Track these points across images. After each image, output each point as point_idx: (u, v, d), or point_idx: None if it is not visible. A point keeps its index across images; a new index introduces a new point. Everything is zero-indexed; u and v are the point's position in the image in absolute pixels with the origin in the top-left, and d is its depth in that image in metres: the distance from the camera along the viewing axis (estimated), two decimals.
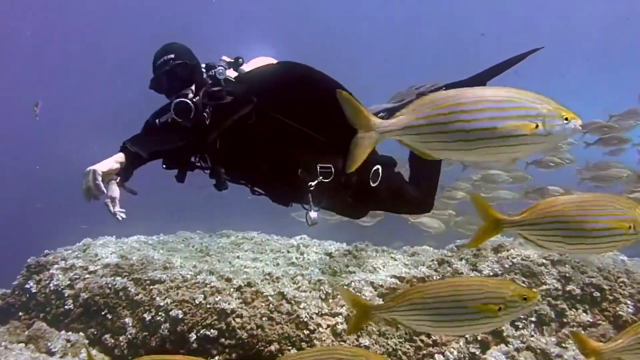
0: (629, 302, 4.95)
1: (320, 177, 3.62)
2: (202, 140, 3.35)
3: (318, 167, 3.62)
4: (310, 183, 3.60)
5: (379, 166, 3.82)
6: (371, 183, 3.78)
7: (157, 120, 3.44)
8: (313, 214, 3.69)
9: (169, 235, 7.52)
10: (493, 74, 4.09)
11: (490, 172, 7.94)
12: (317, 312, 4.96)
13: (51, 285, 5.47)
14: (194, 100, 3.33)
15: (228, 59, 3.63)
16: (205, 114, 3.32)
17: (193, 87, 3.40)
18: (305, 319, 4.87)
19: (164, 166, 3.58)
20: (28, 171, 21.56)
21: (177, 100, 3.31)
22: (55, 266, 5.65)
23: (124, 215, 3.14)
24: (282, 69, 3.71)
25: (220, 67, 3.49)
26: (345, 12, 28.32)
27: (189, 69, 3.42)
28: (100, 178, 2.93)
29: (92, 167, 2.95)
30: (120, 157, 3.16)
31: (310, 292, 5.31)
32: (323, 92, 3.72)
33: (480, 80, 4.09)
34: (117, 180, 3.22)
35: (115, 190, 3.12)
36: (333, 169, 3.66)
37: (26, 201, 19.62)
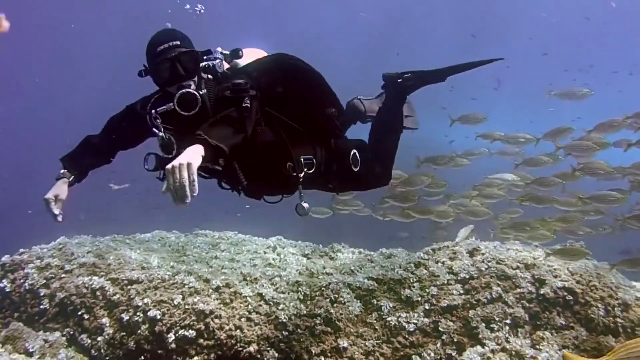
0: (599, 305, 5.06)
1: (305, 169, 3.67)
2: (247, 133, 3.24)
3: (302, 159, 3.68)
4: (299, 175, 3.66)
5: (355, 151, 3.93)
6: (353, 168, 3.88)
7: (153, 111, 3.32)
8: (305, 204, 3.74)
9: (145, 235, 7.48)
10: (453, 72, 4.39)
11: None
12: (295, 313, 4.99)
13: (26, 284, 5.39)
14: (201, 92, 3.32)
15: (224, 51, 3.61)
16: (248, 105, 3.25)
17: (196, 79, 3.37)
18: (284, 320, 4.89)
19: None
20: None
21: (185, 91, 3.27)
22: (31, 265, 5.57)
23: (60, 219, 3.32)
24: (279, 64, 3.75)
25: (218, 60, 3.50)
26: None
27: (195, 59, 3.38)
28: (51, 204, 3.32)
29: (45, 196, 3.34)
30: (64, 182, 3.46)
31: (288, 293, 5.33)
32: (310, 85, 3.83)
33: (441, 74, 4.42)
34: (71, 179, 3.50)
35: (63, 192, 3.39)
36: (314, 160, 3.73)
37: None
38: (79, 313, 5.07)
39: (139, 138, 3.71)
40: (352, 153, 3.92)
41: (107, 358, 4.83)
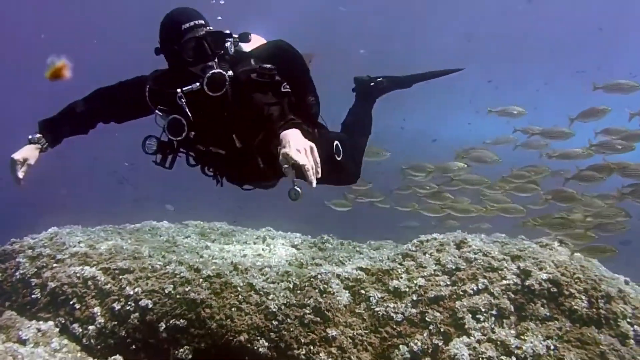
0: (583, 297, 5.16)
1: None
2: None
3: None
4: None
5: (337, 142, 3.98)
6: (336, 157, 3.92)
7: (179, 90, 3.33)
8: (298, 189, 3.78)
9: (136, 225, 7.52)
10: (420, 80, 4.80)
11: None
12: (285, 303, 5.06)
13: (17, 274, 5.43)
14: (229, 74, 3.33)
15: (234, 34, 3.57)
16: (289, 90, 3.38)
17: (216, 59, 3.37)
18: (274, 310, 4.96)
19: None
20: None
21: (216, 71, 3.28)
22: (22, 255, 5.60)
23: (22, 183, 3.26)
24: (282, 50, 3.83)
25: (229, 42, 3.50)
26: None
27: (221, 39, 3.40)
28: (17, 166, 3.26)
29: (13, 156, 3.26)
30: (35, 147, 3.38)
31: (278, 283, 5.40)
32: (303, 71, 3.90)
33: (409, 81, 4.83)
34: (44, 146, 3.45)
35: (33, 157, 3.35)
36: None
37: None
38: (71, 302, 5.10)
39: (131, 114, 3.71)
40: (335, 143, 3.95)
41: (99, 347, 4.89)
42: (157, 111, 3.50)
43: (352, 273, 5.54)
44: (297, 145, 2.71)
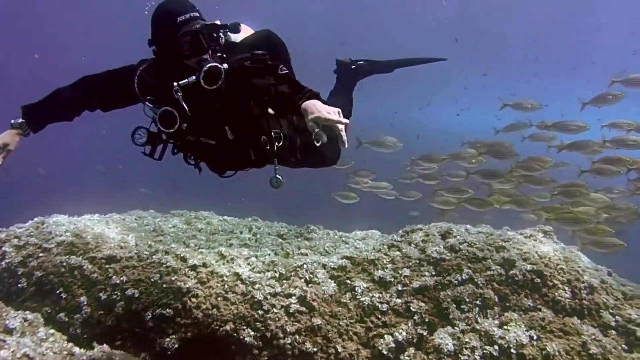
0: (566, 288, 5.22)
1: (276, 142, 3.76)
2: None
3: (273, 133, 3.76)
4: (273, 147, 3.77)
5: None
6: (315, 143, 3.97)
7: (175, 83, 3.34)
8: (279, 176, 3.84)
9: (122, 214, 7.51)
10: (403, 66, 4.89)
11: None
12: (271, 292, 5.08)
13: (3, 263, 5.39)
14: (225, 66, 3.37)
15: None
16: (287, 72, 3.41)
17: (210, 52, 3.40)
18: (260, 299, 4.98)
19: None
20: None
21: (213, 65, 3.31)
22: (8, 244, 5.57)
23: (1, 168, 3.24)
24: (271, 39, 3.92)
25: (220, 33, 3.51)
26: None
27: (216, 32, 3.42)
28: None
29: None
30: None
31: (264, 272, 5.42)
32: (286, 60, 3.93)
33: (391, 66, 4.91)
34: (25, 133, 3.43)
35: (13, 143, 3.35)
36: (281, 134, 3.81)
37: None
38: (57, 292, 5.10)
39: (118, 103, 3.69)
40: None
41: (85, 336, 4.90)
42: (146, 102, 3.50)
43: (337, 263, 5.57)
44: (326, 109, 2.90)
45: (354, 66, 4.85)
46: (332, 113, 2.88)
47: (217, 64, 3.33)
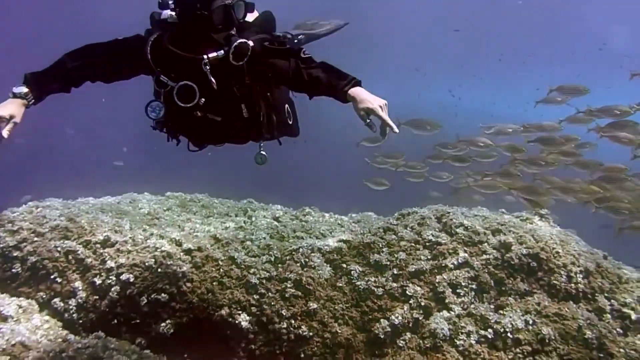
0: (562, 272, 5.21)
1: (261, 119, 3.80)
2: None
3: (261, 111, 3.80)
4: (266, 123, 3.80)
5: (287, 105, 4.12)
6: (288, 121, 4.10)
7: (205, 56, 3.31)
8: (263, 152, 4.03)
9: (116, 197, 7.46)
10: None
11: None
12: (266, 276, 5.07)
13: None
14: (252, 43, 3.39)
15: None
16: (310, 56, 3.45)
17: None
18: (255, 284, 4.97)
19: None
20: None
21: (242, 41, 3.34)
22: (2, 229, 5.51)
23: (5, 135, 3.05)
24: (273, 20, 3.93)
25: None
26: None
27: (245, 8, 3.44)
28: (3, 123, 3.04)
29: None
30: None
31: (259, 257, 5.40)
32: None
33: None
34: (30, 103, 3.24)
35: (19, 115, 3.14)
36: (260, 111, 3.81)
37: None
38: (52, 277, 5.07)
39: (124, 73, 3.58)
40: (285, 107, 4.08)
41: (80, 322, 4.89)
42: (161, 74, 3.44)
43: (333, 246, 5.55)
44: (378, 102, 3.08)
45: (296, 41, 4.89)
46: (383, 107, 3.07)
47: (246, 40, 3.35)
